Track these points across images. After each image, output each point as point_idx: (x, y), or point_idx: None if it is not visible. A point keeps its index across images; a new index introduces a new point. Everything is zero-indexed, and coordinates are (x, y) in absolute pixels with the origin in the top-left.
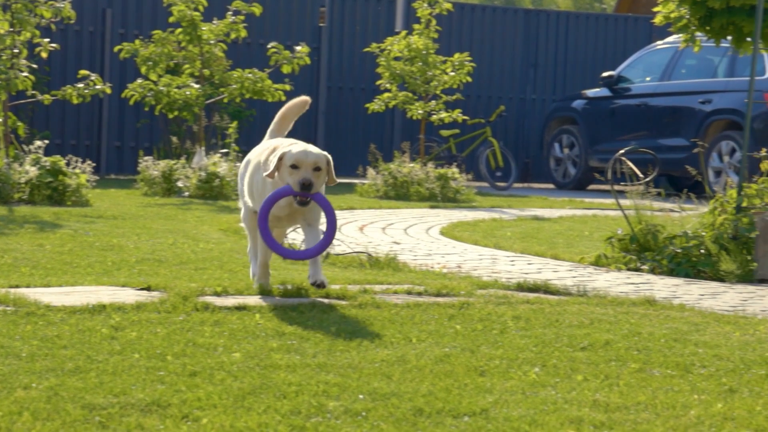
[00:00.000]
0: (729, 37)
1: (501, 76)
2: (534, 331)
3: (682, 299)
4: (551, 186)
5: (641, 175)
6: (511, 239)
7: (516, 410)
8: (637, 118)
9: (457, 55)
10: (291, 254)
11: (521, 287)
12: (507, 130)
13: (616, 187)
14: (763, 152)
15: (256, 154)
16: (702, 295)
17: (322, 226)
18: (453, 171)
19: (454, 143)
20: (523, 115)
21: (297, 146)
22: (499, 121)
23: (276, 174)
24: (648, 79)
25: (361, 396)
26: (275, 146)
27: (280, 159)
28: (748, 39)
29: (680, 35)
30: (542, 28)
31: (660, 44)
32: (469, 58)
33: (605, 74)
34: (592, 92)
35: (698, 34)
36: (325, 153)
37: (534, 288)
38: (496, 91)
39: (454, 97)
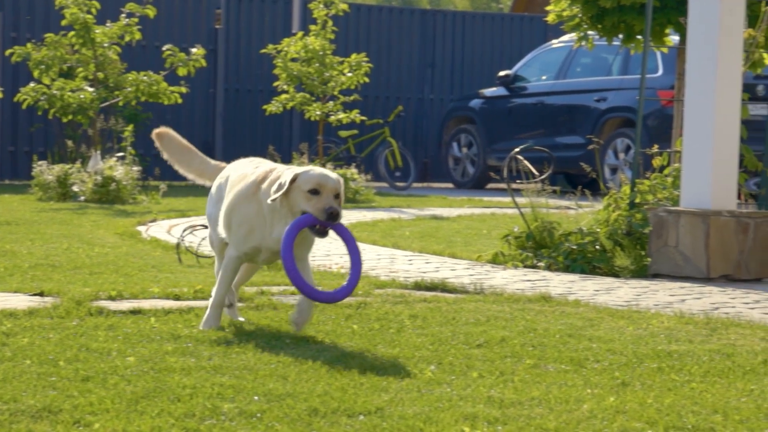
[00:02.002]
0: (621, 36)
1: (399, 76)
2: (431, 329)
3: (578, 295)
4: (450, 185)
5: (537, 173)
6: (410, 238)
7: (411, 408)
8: (534, 117)
9: (354, 56)
10: (323, 296)
11: (419, 286)
12: (405, 130)
13: (514, 186)
14: (655, 149)
15: (237, 176)
16: (597, 290)
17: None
18: (352, 172)
19: (352, 144)
20: (421, 115)
21: (312, 169)
22: (397, 121)
23: (278, 200)
24: (544, 77)
25: (256, 397)
26: (270, 169)
27: (293, 182)
28: (639, 37)
29: (574, 34)
30: (439, 28)
31: (555, 43)
32: (366, 59)
33: (502, 73)
34: (489, 91)
35: (590, 32)
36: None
37: (431, 287)
38: (394, 92)
39: (352, 97)
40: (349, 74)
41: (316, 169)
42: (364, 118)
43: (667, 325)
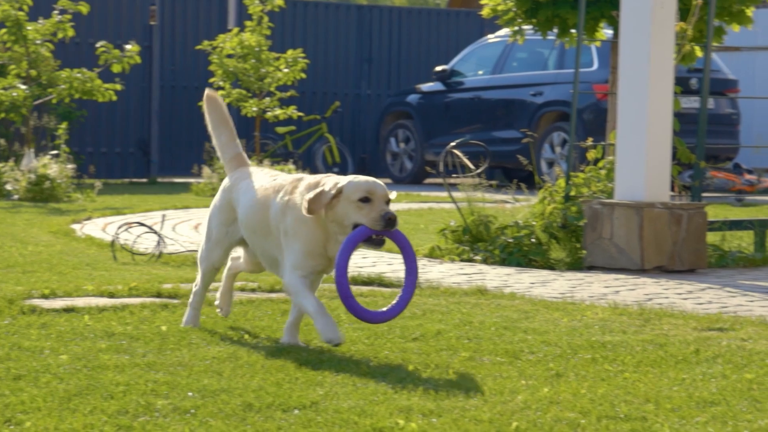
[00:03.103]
0: (555, 30)
1: (336, 72)
2: (367, 323)
3: (513, 288)
4: (388, 180)
5: (473, 167)
6: None
7: (346, 402)
8: (471, 112)
9: (290, 52)
10: (377, 316)
11: (355, 281)
12: (343, 126)
13: (451, 180)
14: (589, 141)
15: (258, 187)
16: (532, 283)
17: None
18: (289, 168)
19: (290, 140)
20: (358, 110)
21: (356, 177)
22: (334, 116)
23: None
24: (480, 72)
25: (190, 393)
26: (298, 179)
27: (339, 193)
28: (573, 31)
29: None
30: (375, 23)
31: (491, 38)
32: (302, 55)
33: (438, 68)
34: (426, 87)
35: (525, 26)
36: None
37: (368, 281)
38: (331, 87)
39: (289, 93)
40: (286, 70)
41: (361, 177)
42: (301, 114)
43: (602, 316)
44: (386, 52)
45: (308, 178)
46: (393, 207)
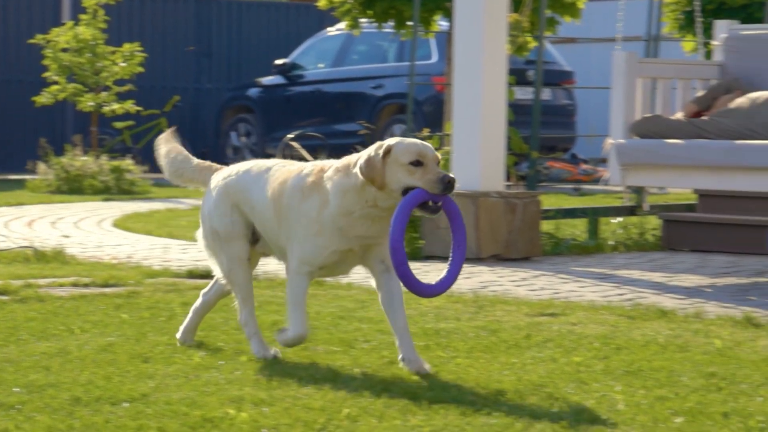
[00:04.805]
0: (392, 22)
1: (175, 66)
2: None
3: (350, 278)
4: None
5: (311, 159)
6: (186, 228)
7: (177, 393)
8: (312, 105)
9: (126, 46)
10: (428, 289)
11: (192, 274)
12: (183, 120)
13: None
14: (425, 132)
15: (275, 171)
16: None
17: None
18: (128, 163)
19: (128, 135)
20: (198, 104)
21: (402, 138)
22: (174, 111)
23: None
24: (321, 65)
25: (16, 389)
26: (323, 162)
27: (387, 153)
28: (409, 23)
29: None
30: (214, 17)
31: (331, 31)
32: (140, 48)
33: (278, 62)
34: (267, 80)
35: (361, 18)
36: None
37: (204, 274)
38: (171, 81)
39: (126, 87)
40: (123, 64)
41: (408, 138)
42: (139, 108)
43: (437, 304)
44: (226, 46)
45: (336, 161)
46: None
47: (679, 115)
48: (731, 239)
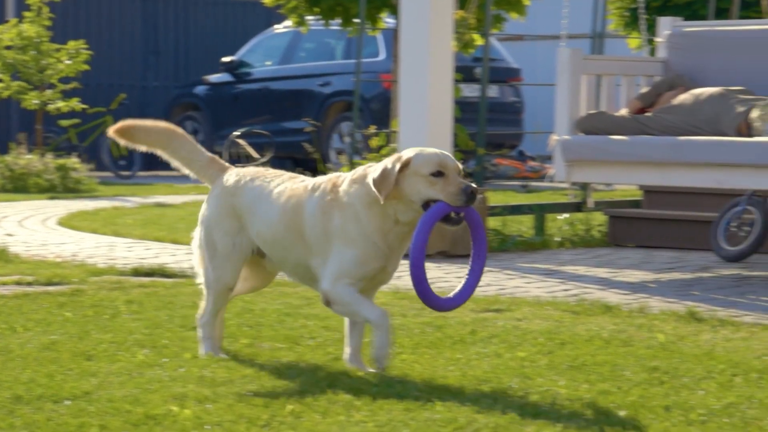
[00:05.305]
0: (338, 19)
1: (121, 63)
2: (146, 313)
3: None
4: (178, 173)
5: (258, 157)
6: (132, 226)
7: (120, 391)
8: (260, 102)
9: (72, 43)
10: (447, 303)
11: (137, 272)
12: (129, 118)
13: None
14: (372, 129)
15: (282, 190)
16: None
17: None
18: (73, 161)
19: (74, 133)
20: (145, 102)
21: (422, 149)
22: (120, 109)
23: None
24: (268, 63)
25: None
26: (336, 176)
27: (405, 167)
28: (356, 20)
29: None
30: (161, 14)
31: (278, 28)
32: (85, 46)
33: (226, 59)
34: (214, 78)
35: (308, 16)
36: None
37: (150, 272)
38: (117, 79)
39: (71, 85)
40: (68, 62)
41: (427, 148)
42: (85, 106)
43: (383, 300)
44: (173, 43)
45: (348, 174)
46: (171, 198)
47: (623, 112)
48: (676, 235)
